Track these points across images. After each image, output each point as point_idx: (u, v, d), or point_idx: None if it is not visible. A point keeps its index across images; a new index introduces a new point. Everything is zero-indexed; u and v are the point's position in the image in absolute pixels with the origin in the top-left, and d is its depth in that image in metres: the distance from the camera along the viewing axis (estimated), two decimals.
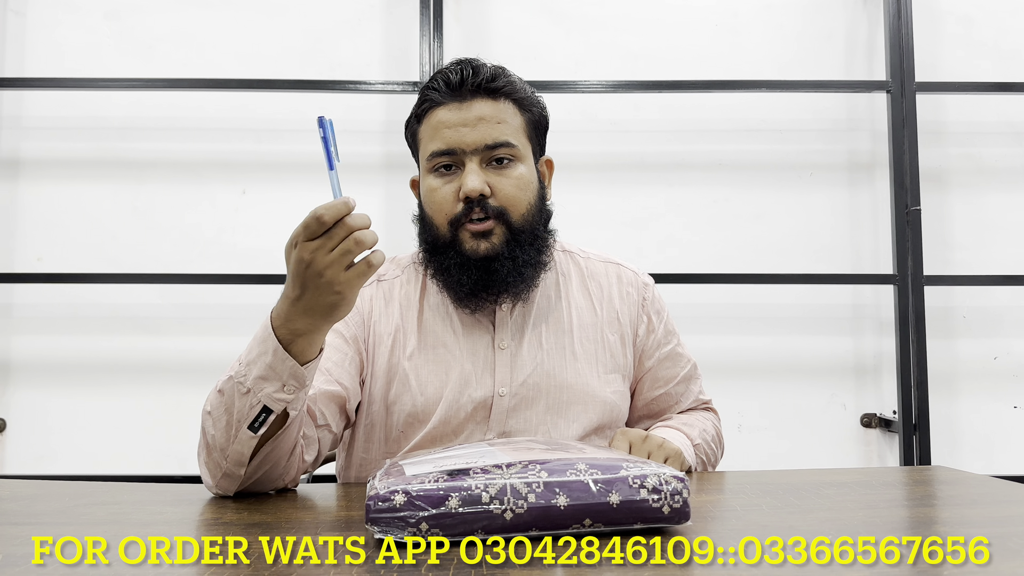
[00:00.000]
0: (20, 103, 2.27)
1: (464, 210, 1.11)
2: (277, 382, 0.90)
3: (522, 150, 1.14)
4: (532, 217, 1.15)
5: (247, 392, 0.90)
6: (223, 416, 0.93)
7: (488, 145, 1.11)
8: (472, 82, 1.11)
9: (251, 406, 0.90)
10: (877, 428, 2.28)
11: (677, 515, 0.74)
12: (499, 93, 1.13)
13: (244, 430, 0.91)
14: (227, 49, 2.28)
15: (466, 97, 1.12)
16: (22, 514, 0.89)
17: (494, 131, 1.11)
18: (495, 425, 1.13)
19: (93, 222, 2.24)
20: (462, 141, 1.10)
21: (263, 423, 0.91)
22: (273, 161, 2.27)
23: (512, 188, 1.12)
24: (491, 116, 1.11)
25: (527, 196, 1.14)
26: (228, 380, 0.93)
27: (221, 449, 0.93)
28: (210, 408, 0.94)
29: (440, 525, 0.70)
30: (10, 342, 2.22)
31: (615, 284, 1.26)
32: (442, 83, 1.13)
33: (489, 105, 1.12)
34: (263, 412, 0.91)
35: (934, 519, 0.85)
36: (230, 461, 0.93)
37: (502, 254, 1.11)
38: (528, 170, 1.15)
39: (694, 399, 1.30)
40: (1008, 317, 2.30)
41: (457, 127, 1.11)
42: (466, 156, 1.11)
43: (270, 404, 0.90)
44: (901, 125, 2.20)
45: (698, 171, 2.31)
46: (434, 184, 1.13)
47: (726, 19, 2.34)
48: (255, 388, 0.90)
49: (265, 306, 2.50)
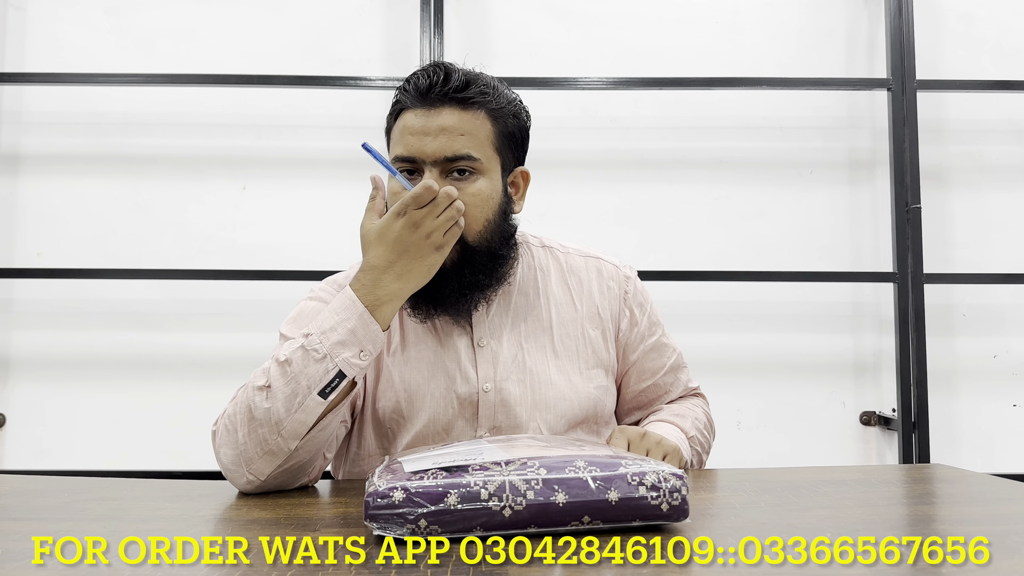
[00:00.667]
0: (20, 98, 2.26)
1: None
2: (356, 347, 0.96)
3: (485, 163, 1.09)
4: (488, 234, 1.11)
5: (323, 358, 0.95)
6: (287, 386, 0.95)
7: (447, 157, 1.07)
8: (441, 89, 1.08)
9: (326, 371, 0.95)
10: (876, 426, 2.28)
11: (676, 512, 0.74)
12: (469, 102, 1.09)
13: (314, 396, 0.95)
14: (228, 45, 2.28)
15: (434, 104, 1.08)
16: (21, 509, 0.89)
17: (455, 143, 1.07)
18: (484, 421, 1.14)
19: (93, 217, 2.24)
20: (423, 151, 1.07)
21: (334, 388, 0.96)
22: (273, 157, 2.27)
23: (468, 203, 1.07)
24: (454, 127, 1.07)
25: (483, 212, 1.10)
26: (298, 349, 0.96)
27: (277, 422, 0.95)
28: (267, 381, 0.97)
29: (439, 522, 0.70)
30: (10, 337, 2.22)
31: (595, 279, 1.25)
32: (412, 87, 1.10)
33: (456, 115, 1.08)
34: (337, 377, 0.95)
35: (933, 517, 0.85)
36: (285, 433, 0.95)
37: (447, 273, 1.08)
38: (490, 184, 1.10)
39: (683, 387, 1.30)
40: (1008, 315, 2.30)
41: (420, 135, 1.08)
42: (425, 165, 1.08)
43: (345, 368, 0.96)
44: (902, 123, 2.20)
45: (698, 168, 2.31)
46: (396, 188, 1.10)
47: (727, 16, 2.34)
48: (332, 353, 0.95)
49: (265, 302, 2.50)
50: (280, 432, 0.95)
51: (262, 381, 0.97)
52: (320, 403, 0.95)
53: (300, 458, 0.99)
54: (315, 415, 0.96)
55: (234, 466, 0.98)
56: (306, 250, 2.22)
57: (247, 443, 0.96)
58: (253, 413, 0.96)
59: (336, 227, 2.24)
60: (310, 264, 2.18)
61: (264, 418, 0.95)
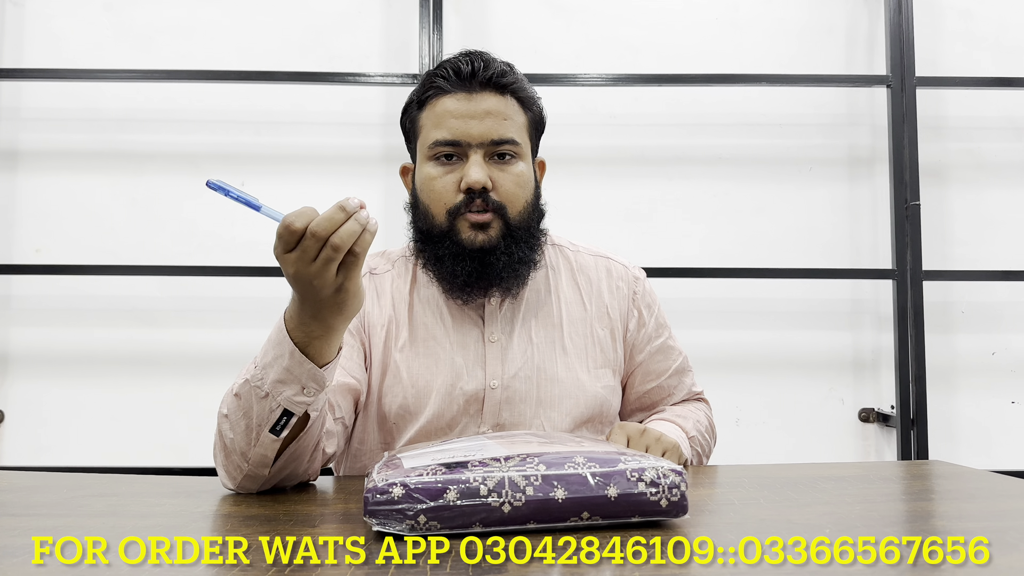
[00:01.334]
0: (18, 94, 2.26)
1: (464, 200, 1.11)
2: (296, 385, 0.88)
3: (523, 148, 1.15)
4: (528, 215, 1.15)
5: (266, 396, 0.88)
6: (242, 420, 0.91)
7: (494, 140, 1.11)
8: (483, 75, 1.11)
9: (271, 410, 0.88)
10: (875, 423, 2.28)
11: (675, 508, 0.74)
12: (507, 89, 1.13)
13: (266, 433, 0.89)
14: (226, 41, 2.28)
15: (475, 89, 1.12)
16: (20, 505, 0.89)
17: (500, 127, 1.11)
18: (488, 418, 1.14)
19: (91, 214, 2.24)
20: (468, 133, 1.10)
21: (284, 426, 0.89)
22: (272, 153, 2.26)
23: (512, 184, 1.12)
24: (498, 111, 1.12)
25: (525, 193, 1.14)
26: (244, 384, 0.90)
27: (242, 453, 0.91)
28: (226, 411, 0.93)
29: (438, 518, 0.70)
30: (8, 334, 2.22)
31: (604, 278, 1.26)
32: (451, 72, 1.12)
33: (496, 100, 1.12)
34: (284, 415, 0.89)
35: (932, 513, 0.85)
36: (252, 464, 0.92)
37: (498, 247, 1.11)
38: (527, 168, 1.15)
39: (687, 391, 1.30)
40: (1007, 312, 2.30)
41: (464, 118, 1.10)
42: (471, 148, 1.11)
43: (290, 407, 0.88)
44: (901, 120, 2.19)
45: (698, 165, 2.31)
46: (433, 172, 1.13)
47: (726, 13, 2.34)
48: (274, 392, 0.88)
49: (263, 299, 2.50)
50: (248, 461, 0.92)
51: (223, 409, 0.93)
52: (274, 440, 0.90)
53: (284, 473, 0.96)
54: (273, 450, 0.91)
55: (228, 483, 0.97)
56: None
57: (226, 466, 0.94)
58: (222, 440, 0.94)
59: None
60: None
61: (231, 447, 0.92)
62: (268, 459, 0.91)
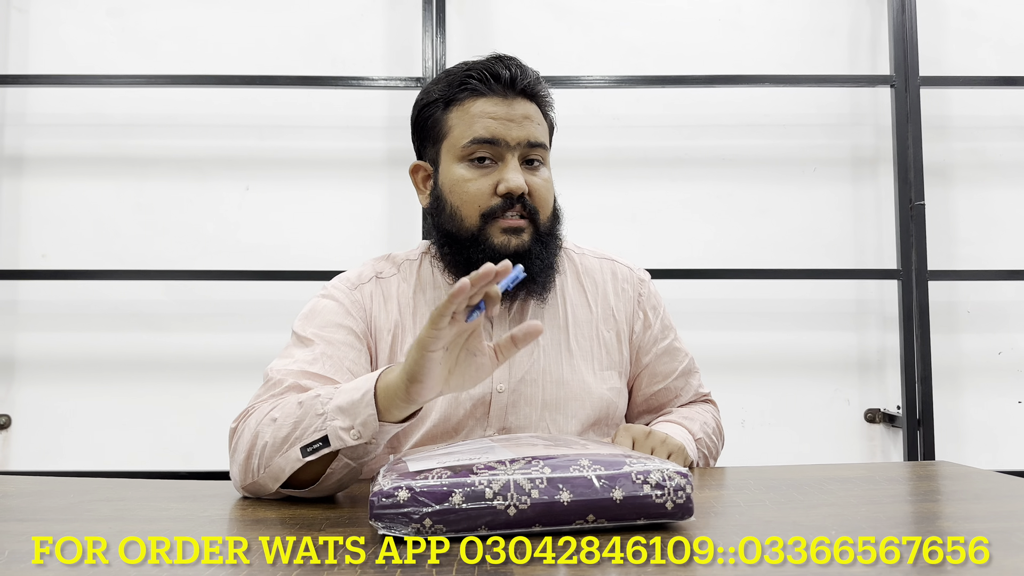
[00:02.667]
0: (24, 100, 2.27)
1: (502, 204, 1.11)
2: (349, 420, 0.87)
3: (548, 154, 1.18)
4: (553, 221, 1.18)
5: (320, 415, 0.89)
6: (288, 426, 0.91)
7: (531, 143, 1.13)
8: (521, 82, 1.13)
9: (315, 429, 0.89)
10: (881, 423, 2.28)
11: (680, 511, 0.74)
12: (537, 97, 1.16)
13: (296, 449, 0.89)
14: (230, 45, 2.28)
15: (511, 95, 1.13)
16: (27, 510, 0.89)
17: (536, 131, 1.14)
18: (495, 421, 1.14)
19: (97, 219, 2.24)
20: (508, 135, 1.11)
21: (315, 451, 0.88)
22: (276, 157, 2.27)
23: (543, 190, 1.15)
24: (532, 117, 1.14)
25: (551, 198, 1.17)
26: (315, 397, 0.91)
27: (268, 456, 0.92)
28: (278, 415, 0.93)
29: (444, 521, 0.70)
30: (15, 338, 2.22)
31: (610, 281, 1.26)
32: (489, 76, 1.13)
33: (529, 106, 1.15)
34: (321, 441, 0.88)
35: (938, 514, 0.85)
36: (268, 472, 0.92)
37: (532, 252, 1.12)
38: (551, 175, 1.18)
39: (693, 392, 1.30)
40: (1012, 312, 2.30)
41: (504, 120, 1.12)
42: (508, 150, 1.12)
43: (332, 437, 0.87)
44: (905, 120, 2.19)
45: (701, 166, 2.31)
46: (467, 175, 1.12)
47: (729, 14, 2.34)
48: (329, 415, 0.88)
49: (269, 302, 2.50)
50: (264, 470, 0.92)
51: (276, 413, 0.94)
52: (298, 459, 0.89)
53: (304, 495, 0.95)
54: (290, 467, 0.90)
55: (233, 475, 0.98)
56: (310, 250, 2.23)
57: (244, 467, 0.95)
58: (257, 441, 0.94)
59: (339, 226, 2.25)
60: (314, 264, 2.18)
61: (260, 450, 0.93)
62: (283, 475, 0.91)
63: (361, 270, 1.22)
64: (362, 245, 2.22)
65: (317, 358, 1.07)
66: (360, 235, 2.24)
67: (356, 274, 1.21)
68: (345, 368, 1.08)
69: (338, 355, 1.09)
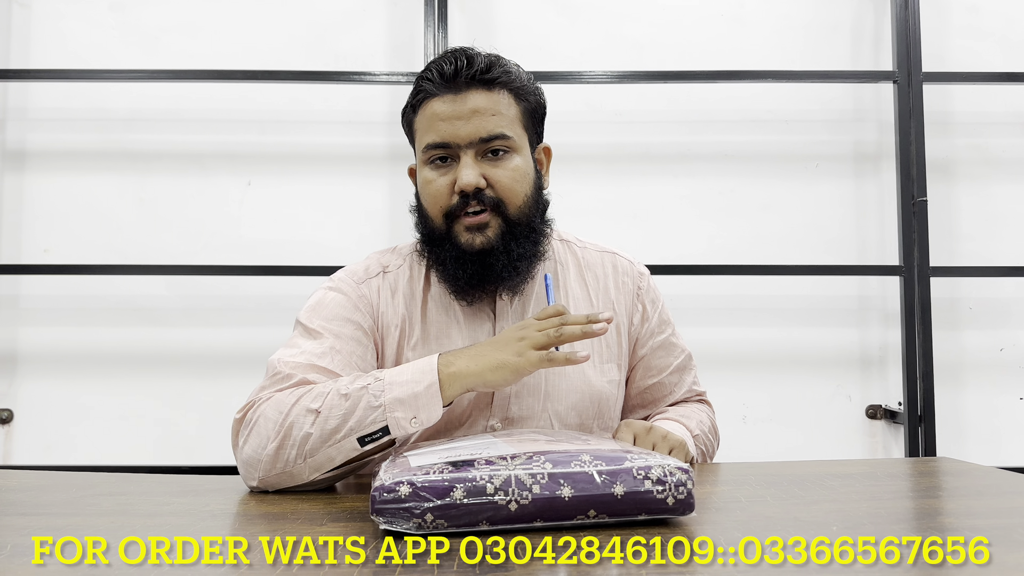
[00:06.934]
0: (26, 95, 2.27)
1: (460, 203, 1.11)
2: (411, 412, 0.94)
3: (517, 141, 1.13)
4: (528, 208, 1.14)
5: (377, 407, 0.94)
6: (337, 418, 0.95)
7: (483, 138, 1.10)
8: (466, 73, 1.10)
9: (374, 421, 0.94)
10: (882, 419, 2.28)
11: (681, 506, 0.74)
12: (494, 83, 1.12)
13: (352, 440, 0.94)
14: (232, 40, 2.28)
15: (460, 88, 1.10)
16: (29, 504, 0.89)
17: (488, 123, 1.10)
18: (498, 411, 1.14)
19: (99, 214, 2.24)
20: (456, 134, 1.10)
21: (375, 440, 0.94)
22: (278, 152, 2.27)
23: (508, 180, 1.11)
24: (485, 108, 1.10)
25: (523, 187, 1.13)
26: (361, 389, 0.96)
27: (310, 450, 0.95)
28: (319, 406, 0.96)
29: (445, 516, 0.70)
30: (17, 333, 2.23)
31: (611, 274, 1.26)
32: (436, 73, 1.11)
33: (484, 96, 1.11)
34: (382, 431, 0.94)
35: (939, 511, 0.85)
36: (311, 464, 0.95)
37: (497, 248, 1.11)
38: (524, 161, 1.14)
39: (687, 390, 1.30)
40: (1015, 308, 2.29)
41: (451, 120, 1.10)
42: (461, 149, 1.10)
43: (393, 427, 0.94)
44: (908, 115, 2.19)
45: (703, 162, 2.31)
46: (429, 176, 1.13)
47: (732, 9, 2.33)
48: (389, 407, 0.94)
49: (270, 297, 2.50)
50: (306, 460, 0.95)
51: (315, 404, 0.96)
52: (355, 449, 0.95)
53: (313, 486, 0.99)
54: (344, 457, 0.95)
55: (250, 466, 0.98)
56: (311, 245, 2.23)
57: (273, 456, 0.96)
58: (292, 432, 0.96)
59: (341, 221, 2.24)
60: (315, 259, 2.18)
61: (300, 441, 0.95)
62: (333, 463, 0.95)
63: (368, 264, 1.22)
64: (364, 240, 2.22)
65: (326, 352, 1.07)
66: (362, 230, 2.24)
67: (363, 268, 1.21)
68: (353, 364, 1.09)
69: (347, 349, 1.10)
